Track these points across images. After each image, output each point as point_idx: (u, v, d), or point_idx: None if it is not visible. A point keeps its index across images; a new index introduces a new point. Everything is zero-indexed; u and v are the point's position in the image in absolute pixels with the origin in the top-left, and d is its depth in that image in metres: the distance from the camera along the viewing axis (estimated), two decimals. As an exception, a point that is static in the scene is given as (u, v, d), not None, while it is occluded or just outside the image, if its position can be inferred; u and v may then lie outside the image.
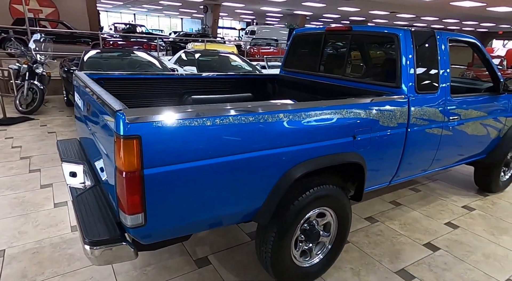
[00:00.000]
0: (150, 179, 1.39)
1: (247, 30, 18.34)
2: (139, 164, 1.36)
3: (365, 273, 2.33)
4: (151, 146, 1.37)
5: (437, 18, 19.68)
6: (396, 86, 2.36)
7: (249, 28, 18.28)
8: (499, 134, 3.28)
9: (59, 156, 2.34)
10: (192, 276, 2.24)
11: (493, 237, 2.87)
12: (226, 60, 7.17)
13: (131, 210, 1.40)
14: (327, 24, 27.74)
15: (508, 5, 13.65)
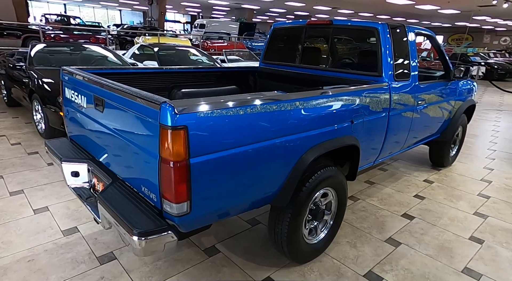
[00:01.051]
0: (195, 168, 1.44)
1: (196, 24, 17.95)
2: (186, 154, 1.40)
3: (360, 244, 2.59)
4: (196, 135, 1.42)
5: (372, 14, 21.30)
6: (378, 75, 2.63)
7: (198, 22, 17.92)
8: (450, 116, 3.78)
9: (55, 157, 2.21)
10: (206, 264, 2.29)
11: (452, 204, 3.34)
12: (187, 54, 7.07)
13: (178, 199, 1.44)
14: (272, 19, 28.24)
15: (432, 3, 15.31)
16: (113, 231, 2.60)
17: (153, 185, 1.52)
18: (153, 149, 1.47)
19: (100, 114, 1.87)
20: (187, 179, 1.43)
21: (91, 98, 1.94)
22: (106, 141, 1.88)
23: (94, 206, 1.96)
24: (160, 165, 1.43)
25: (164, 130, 1.37)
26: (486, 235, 2.82)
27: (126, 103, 1.59)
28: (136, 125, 1.57)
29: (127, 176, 1.76)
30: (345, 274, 2.26)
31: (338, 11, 19.16)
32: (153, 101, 1.41)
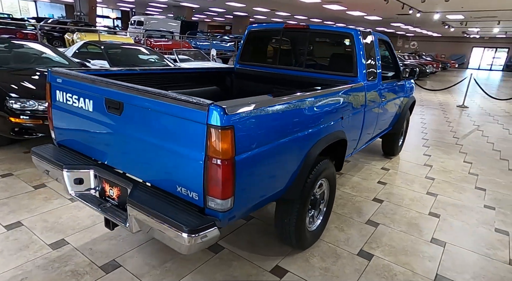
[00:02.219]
0: (239, 165, 1.52)
1: (133, 21, 16.92)
2: (233, 152, 1.48)
3: (347, 228, 2.88)
4: (239, 134, 1.50)
5: (307, 17, 22.49)
6: (354, 75, 2.94)
7: (135, 18, 16.89)
8: (400, 111, 4.32)
9: (53, 165, 2.06)
10: (214, 261, 2.35)
11: (408, 186, 3.85)
12: (137, 53, 6.77)
13: (224, 195, 1.51)
14: (210, 17, 27.98)
15: (361, 10, 16.82)
16: (109, 239, 2.50)
17: (194, 184, 1.56)
18: (196, 149, 1.51)
19: (116, 118, 1.81)
20: (233, 176, 1.51)
21: (101, 101, 1.86)
22: (123, 145, 1.83)
23: (112, 211, 1.90)
24: (206, 164, 1.49)
25: (213, 130, 1.43)
26: (440, 210, 3.33)
27: (160, 106, 1.59)
28: (173, 127, 1.58)
29: (154, 178, 1.75)
30: (342, 255, 2.51)
31: (276, 13, 19.88)
32: (199, 103, 1.46)
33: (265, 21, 28.15)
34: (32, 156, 2.23)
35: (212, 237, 1.54)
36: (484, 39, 33.56)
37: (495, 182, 4.17)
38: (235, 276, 2.22)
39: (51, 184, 3.33)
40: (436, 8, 13.57)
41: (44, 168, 2.16)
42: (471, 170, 4.52)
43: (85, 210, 2.89)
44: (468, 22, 18.48)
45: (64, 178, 2.00)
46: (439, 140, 5.95)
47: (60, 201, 3.02)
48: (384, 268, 2.40)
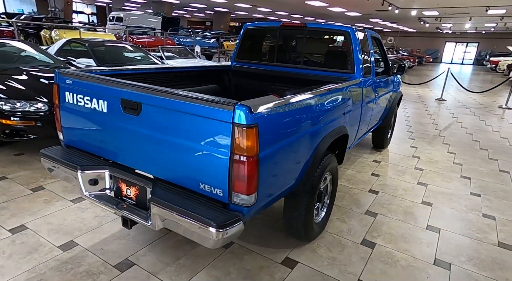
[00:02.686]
0: (263, 161, 1.59)
1: (111, 17, 16.41)
2: (257, 149, 1.54)
3: (348, 219, 3.01)
4: (263, 131, 1.57)
5: (288, 13, 22.61)
6: (351, 72, 3.05)
7: (114, 14, 16.38)
8: (389, 105, 4.50)
9: (66, 166, 2.05)
10: (226, 256, 2.41)
11: (400, 177, 4.03)
12: (124, 51, 6.66)
13: (250, 191, 1.57)
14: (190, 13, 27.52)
15: (341, 6, 17.08)
16: (119, 239, 2.51)
17: (219, 181, 1.61)
18: (221, 147, 1.56)
19: (133, 118, 1.83)
20: (257, 172, 1.57)
21: (117, 102, 1.88)
22: (141, 144, 1.85)
23: (131, 210, 1.92)
24: (232, 161, 1.54)
25: (239, 129, 1.49)
26: (431, 199, 3.52)
27: (183, 107, 1.63)
28: (196, 127, 1.62)
29: (175, 176, 1.79)
30: (347, 245, 2.63)
31: (257, 9, 19.88)
32: (225, 103, 1.51)
33: (246, 17, 28.06)
34: (42, 158, 2.21)
35: (237, 231, 1.61)
36: (456, 34, 34.84)
37: (478, 170, 4.42)
38: (248, 269, 2.30)
39: (49, 186, 3.28)
40: (413, 4, 14.02)
41: (55, 170, 2.14)
42: (455, 160, 4.77)
43: (89, 211, 2.88)
44: (442, 18, 19.18)
45: (78, 179, 2.00)
46: (423, 132, 6.21)
47: (61, 203, 2.98)
48: (387, 255, 2.53)
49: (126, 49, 6.74)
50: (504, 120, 7.83)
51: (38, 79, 4.37)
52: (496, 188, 3.88)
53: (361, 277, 2.27)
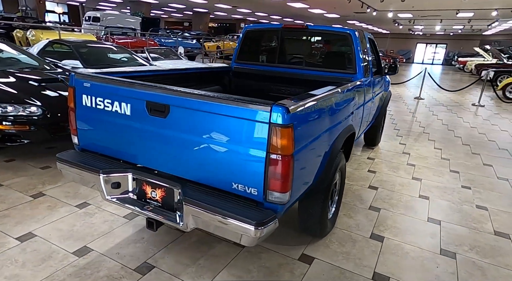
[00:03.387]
0: (296, 159, 1.64)
1: (88, 17, 15.83)
2: (293, 148, 1.59)
3: (354, 214, 3.11)
4: (297, 130, 1.62)
5: (267, 14, 22.76)
6: (353, 72, 3.16)
7: (90, 14, 15.80)
8: (381, 104, 4.66)
9: (87, 170, 2.01)
10: (244, 255, 2.44)
11: (395, 173, 4.20)
12: (111, 52, 6.51)
13: (285, 189, 1.62)
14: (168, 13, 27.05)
15: (321, 8, 17.39)
16: (133, 243, 2.48)
17: (254, 180, 1.65)
18: (257, 147, 1.59)
19: (160, 121, 1.83)
20: (292, 170, 1.62)
21: (141, 104, 1.87)
22: (168, 146, 1.85)
23: (158, 212, 1.92)
24: (268, 161, 1.58)
25: (276, 128, 1.53)
26: (427, 193, 3.69)
27: (216, 108, 1.65)
28: (229, 128, 1.64)
29: (206, 177, 1.80)
30: (357, 239, 2.73)
31: (237, 9, 19.88)
32: (262, 103, 1.55)
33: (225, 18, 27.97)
34: (59, 162, 2.15)
35: (272, 229, 1.65)
36: (426, 35, 36.30)
37: (464, 165, 4.67)
38: (268, 266, 2.34)
39: (50, 192, 3.18)
40: (390, 7, 14.53)
41: (73, 175, 2.10)
42: (443, 156, 5.01)
43: (97, 216, 2.82)
44: (415, 20, 19.98)
45: (100, 183, 1.97)
46: (408, 130, 6.47)
47: (66, 209, 2.91)
48: (396, 247, 2.65)
49: (112, 50, 6.60)
50: (479, 117, 8.28)
51: (26, 81, 4.22)
52: (483, 181, 4.12)
53: (376, 270, 2.37)
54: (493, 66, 14.94)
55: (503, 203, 3.55)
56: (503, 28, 23.03)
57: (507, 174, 4.40)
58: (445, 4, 13.13)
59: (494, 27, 22.34)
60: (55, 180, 3.42)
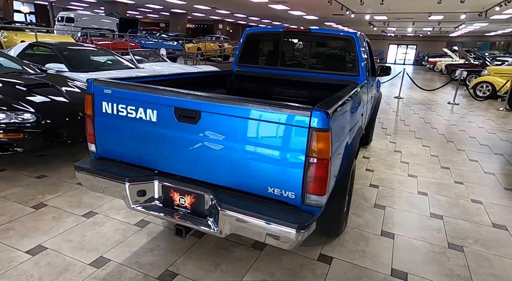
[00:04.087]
0: (332, 162, 1.68)
1: (60, 17, 15.11)
2: (331, 151, 1.63)
3: (361, 213, 3.19)
4: (333, 134, 1.66)
5: (246, 15, 22.78)
6: (357, 75, 3.24)
7: (63, 14, 15.09)
8: (374, 104, 4.81)
9: (112, 179, 1.95)
10: (264, 257, 2.45)
11: (392, 171, 4.34)
12: (95, 54, 6.32)
13: (323, 191, 1.65)
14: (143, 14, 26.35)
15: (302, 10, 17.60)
16: (150, 251, 2.44)
17: (292, 184, 1.66)
18: (296, 151, 1.61)
19: (190, 127, 1.81)
20: (330, 173, 1.66)
21: (169, 111, 1.84)
22: (199, 152, 1.83)
23: (189, 219, 1.89)
24: (308, 164, 1.61)
25: (316, 133, 1.56)
26: (425, 189, 3.85)
27: (252, 113, 1.65)
28: (267, 132, 1.65)
29: (239, 182, 1.80)
30: (369, 237, 2.80)
31: (216, 11, 19.77)
32: (302, 108, 1.57)
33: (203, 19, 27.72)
34: (78, 172, 2.07)
35: (311, 231, 1.67)
36: (398, 37, 37.63)
37: (453, 161, 4.90)
38: (289, 268, 2.36)
39: (51, 202, 3.05)
40: (367, 9, 14.97)
41: (96, 184, 2.03)
42: (431, 153, 5.23)
43: (107, 225, 2.74)
44: (389, 22, 20.68)
45: (126, 191, 1.93)
46: (395, 128, 6.69)
47: (73, 219, 2.81)
48: (407, 243, 2.75)
49: (97, 52, 6.41)
50: (456, 114, 8.69)
51: (14, 87, 4.04)
52: (472, 176, 4.34)
53: (393, 266, 2.45)
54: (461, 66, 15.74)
55: (495, 196, 3.76)
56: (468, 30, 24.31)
57: (492, 169, 4.65)
58: (419, 7, 13.70)
59: (460, 29, 23.51)
60: (55, 190, 3.29)
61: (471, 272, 2.42)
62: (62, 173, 3.68)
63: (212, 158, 1.82)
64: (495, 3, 11.94)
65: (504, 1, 11.28)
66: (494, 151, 5.53)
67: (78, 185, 3.40)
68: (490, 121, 7.92)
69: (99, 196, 3.21)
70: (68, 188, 3.34)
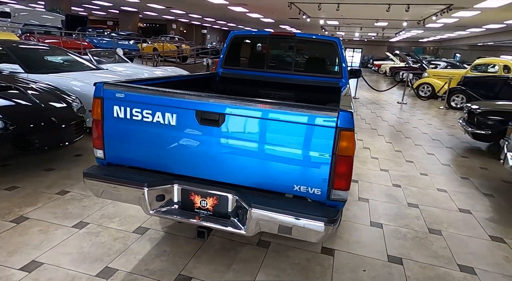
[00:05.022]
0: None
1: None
2: (354, 149, 1.75)
3: (348, 206, 3.38)
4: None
5: (201, 16, 22.46)
6: (340, 77, 3.45)
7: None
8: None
9: (129, 185, 1.89)
10: (271, 255, 2.52)
11: (366, 167, 4.64)
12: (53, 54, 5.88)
13: (348, 187, 1.77)
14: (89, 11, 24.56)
15: (260, 13, 17.82)
16: (157, 257, 2.39)
17: (318, 181, 1.76)
18: (323, 150, 1.71)
19: (213, 130, 1.82)
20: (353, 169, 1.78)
21: (190, 114, 1.83)
22: (221, 154, 1.85)
23: (214, 221, 1.91)
24: (335, 162, 1.72)
25: (343, 132, 1.68)
26: (397, 182, 4.19)
27: (279, 115, 1.72)
28: (292, 133, 1.73)
29: (265, 181, 1.85)
30: (360, 228, 3.00)
31: (171, 10, 19.24)
32: (330, 109, 1.67)
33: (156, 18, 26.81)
34: (89, 179, 1.97)
35: (338, 224, 1.79)
36: (345, 41, 39.83)
37: (414, 155, 5.37)
38: (298, 263, 2.46)
39: (33, 215, 2.83)
40: (322, 15, 15.65)
41: (110, 191, 1.95)
42: (395, 148, 5.68)
43: (103, 234, 2.62)
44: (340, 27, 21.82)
45: (145, 197, 1.88)
46: (358, 126, 7.13)
47: (63, 231, 2.64)
48: (395, 231, 2.99)
49: (54, 52, 5.97)
50: (407, 113, 9.48)
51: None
52: (433, 168, 4.81)
53: (388, 253, 2.66)
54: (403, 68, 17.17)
55: (454, 185, 4.22)
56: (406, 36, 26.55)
57: (447, 160, 5.19)
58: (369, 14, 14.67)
59: (400, 35, 25.62)
60: (33, 201, 3.05)
61: (453, 253, 2.72)
62: (36, 183, 3.41)
63: (236, 159, 1.85)
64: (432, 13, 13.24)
65: (440, 12, 12.56)
66: (445, 145, 6.16)
67: (58, 195, 3.19)
68: (436, 119, 8.76)
69: (86, 205, 3.04)
70: (47, 199, 3.11)
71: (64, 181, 3.52)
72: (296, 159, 1.77)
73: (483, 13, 12.69)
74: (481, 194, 3.95)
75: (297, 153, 1.76)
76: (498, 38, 20.97)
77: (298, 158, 1.77)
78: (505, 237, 3.03)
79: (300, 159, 1.77)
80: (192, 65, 13.46)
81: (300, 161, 1.77)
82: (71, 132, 3.86)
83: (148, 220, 2.86)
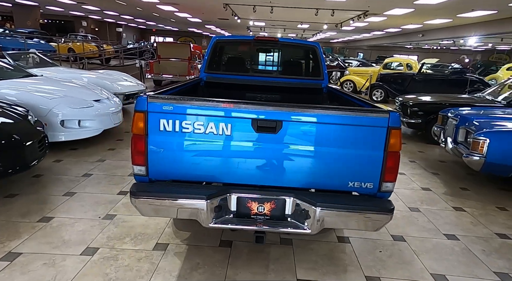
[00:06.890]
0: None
1: None
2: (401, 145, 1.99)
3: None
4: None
5: (118, 13, 20.70)
6: (321, 79, 3.72)
7: None
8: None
9: (189, 199, 1.81)
10: (298, 250, 2.65)
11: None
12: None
13: (395, 178, 2.00)
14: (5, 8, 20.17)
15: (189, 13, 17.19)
16: (194, 270, 2.32)
17: (371, 176, 1.95)
18: (376, 148, 1.91)
19: (270, 137, 1.87)
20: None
21: (245, 123, 1.85)
22: (278, 160, 1.91)
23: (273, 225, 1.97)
24: (386, 157, 1.92)
25: (393, 131, 1.90)
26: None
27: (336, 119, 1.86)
28: (348, 134, 1.88)
29: (321, 182, 1.97)
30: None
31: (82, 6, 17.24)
32: (382, 111, 1.87)
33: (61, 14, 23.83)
34: (141, 198, 1.82)
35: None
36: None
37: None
38: (324, 254, 2.64)
39: (23, 248, 2.46)
40: (251, 16, 15.96)
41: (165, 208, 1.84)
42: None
43: (122, 257, 2.42)
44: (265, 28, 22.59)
45: (205, 210, 1.84)
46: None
47: (74, 260, 2.36)
48: (385, 213, 3.40)
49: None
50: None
51: None
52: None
53: (390, 233, 3.02)
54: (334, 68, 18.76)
55: (408, 167, 4.90)
56: (320, 37, 28.92)
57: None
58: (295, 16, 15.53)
59: (316, 36, 27.79)
60: (13, 234, 2.63)
61: (436, 225, 3.23)
62: (4, 213, 2.93)
63: (292, 164, 1.94)
64: (350, 18, 14.76)
65: (357, 17, 14.09)
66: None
67: (43, 223, 2.80)
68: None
69: (82, 230, 2.74)
70: (31, 229, 2.71)
71: (39, 206, 3.08)
72: (352, 158, 1.94)
73: (389, 18, 14.59)
74: (430, 174, 4.68)
75: (353, 152, 1.93)
76: (394, 40, 24.25)
77: (354, 157, 1.94)
78: (463, 206, 3.68)
79: (356, 157, 1.94)
80: (121, 67, 12.47)
81: (356, 159, 1.94)
82: (35, 149, 3.37)
83: (161, 235, 2.71)
